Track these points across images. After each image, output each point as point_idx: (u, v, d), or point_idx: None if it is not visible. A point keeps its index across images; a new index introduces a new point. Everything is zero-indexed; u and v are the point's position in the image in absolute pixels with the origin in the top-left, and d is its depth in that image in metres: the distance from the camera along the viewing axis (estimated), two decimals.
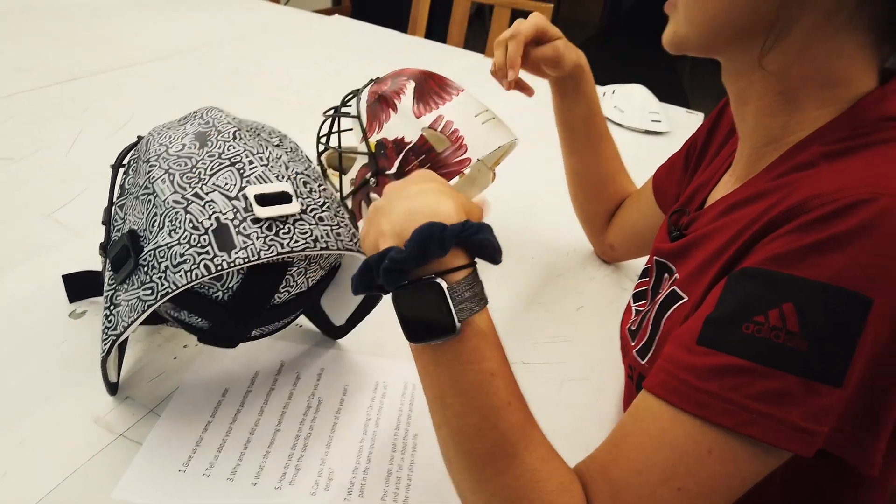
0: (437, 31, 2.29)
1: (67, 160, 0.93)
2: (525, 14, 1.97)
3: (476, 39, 2.00)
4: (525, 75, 0.81)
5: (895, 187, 0.38)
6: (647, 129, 1.32)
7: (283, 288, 0.57)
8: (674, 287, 0.53)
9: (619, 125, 1.34)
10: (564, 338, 0.75)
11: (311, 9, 3.46)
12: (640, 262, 0.66)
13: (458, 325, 0.42)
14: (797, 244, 0.39)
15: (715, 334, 0.41)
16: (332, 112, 0.86)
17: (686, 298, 0.50)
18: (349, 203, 0.83)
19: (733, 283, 0.42)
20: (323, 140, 0.88)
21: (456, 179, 0.78)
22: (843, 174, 0.41)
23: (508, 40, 0.76)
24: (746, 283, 0.41)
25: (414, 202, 0.45)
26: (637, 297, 0.63)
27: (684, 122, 1.41)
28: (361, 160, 0.81)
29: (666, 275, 0.57)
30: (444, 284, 0.42)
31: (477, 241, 0.43)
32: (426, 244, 0.42)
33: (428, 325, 0.43)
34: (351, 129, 0.84)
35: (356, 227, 0.60)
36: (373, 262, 0.43)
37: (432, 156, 0.76)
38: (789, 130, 0.48)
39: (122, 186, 0.58)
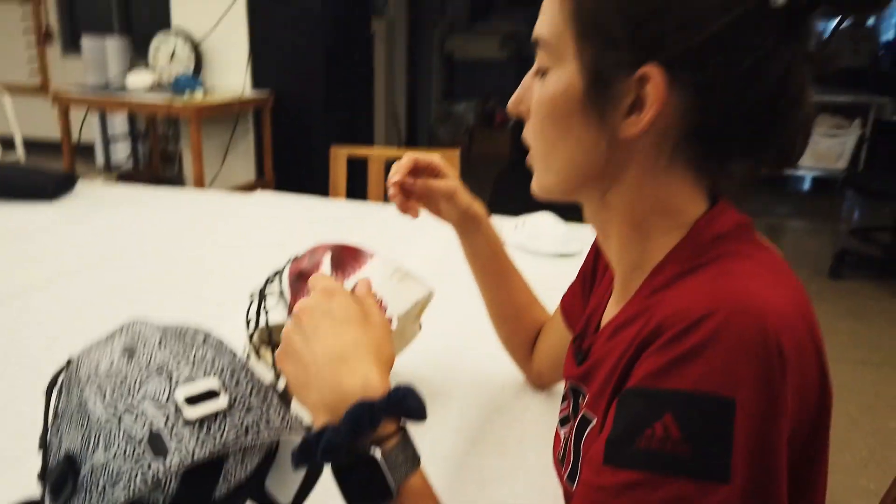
0: (357, 188, 2.42)
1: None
2: None
3: None
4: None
5: (729, 300, 0.45)
6: (559, 252, 1.42)
7: (222, 482, 0.58)
8: (584, 410, 0.58)
9: (534, 253, 1.43)
10: (510, 473, 0.77)
11: (235, 184, 3.61)
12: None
13: (394, 491, 0.46)
14: (663, 360, 0.45)
15: (615, 453, 0.45)
16: (257, 293, 0.91)
17: (594, 421, 0.55)
18: (284, 378, 0.85)
19: (622, 403, 0.48)
20: (252, 321, 0.92)
21: None
22: (690, 293, 0.48)
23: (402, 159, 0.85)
24: (632, 402, 0.47)
25: (342, 376, 0.51)
26: (562, 422, 0.67)
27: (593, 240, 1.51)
28: None
29: (580, 398, 0.62)
30: (378, 455, 0.46)
31: (404, 409, 0.48)
32: (358, 424, 0.48)
33: (366, 493, 0.47)
34: (277, 307, 0.88)
35: (287, 407, 0.62)
36: (311, 442, 0.48)
37: None
38: (647, 256, 0.56)
39: (55, 411, 0.60)
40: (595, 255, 0.77)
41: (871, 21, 7.13)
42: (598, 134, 0.52)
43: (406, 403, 0.49)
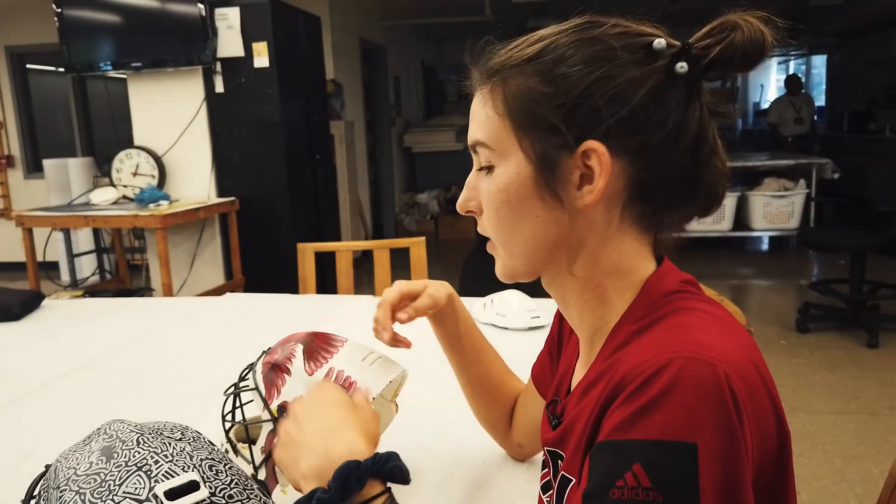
0: (328, 283, 2.44)
1: None
2: (404, 251, 2.16)
3: (368, 278, 2.15)
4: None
5: (683, 349, 0.48)
6: (529, 326, 1.45)
7: None
8: (563, 472, 0.59)
9: (504, 328, 1.46)
10: None
11: (204, 289, 3.60)
12: None
13: None
14: (627, 412, 0.47)
15: None
16: (231, 389, 0.91)
17: (574, 481, 0.56)
18: (263, 471, 0.85)
19: (593, 458, 0.49)
20: (228, 418, 0.92)
21: None
22: (646, 347, 0.51)
23: (378, 307, 0.86)
24: (602, 455, 0.49)
25: (330, 442, 0.54)
26: (543, 488, 0.68)
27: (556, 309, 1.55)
28: (268, 427, 0.85)
29: (559, 462, 0.63)
30: None
31: (388, 470, 0.52)
32: (346, 482, 0.50)
33: None
34: (252, 401, 0.89)
35: (268, 495, 0.63)
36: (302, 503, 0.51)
37: None
38: (605, 319, 0.60)
39: None
40: (560, 322, 0.81)
41: (803, 89, 7.60)
42: (556, 210, 0.57)
43: (391, 464, 0.52)
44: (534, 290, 1.64)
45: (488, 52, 0.61)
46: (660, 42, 0.55)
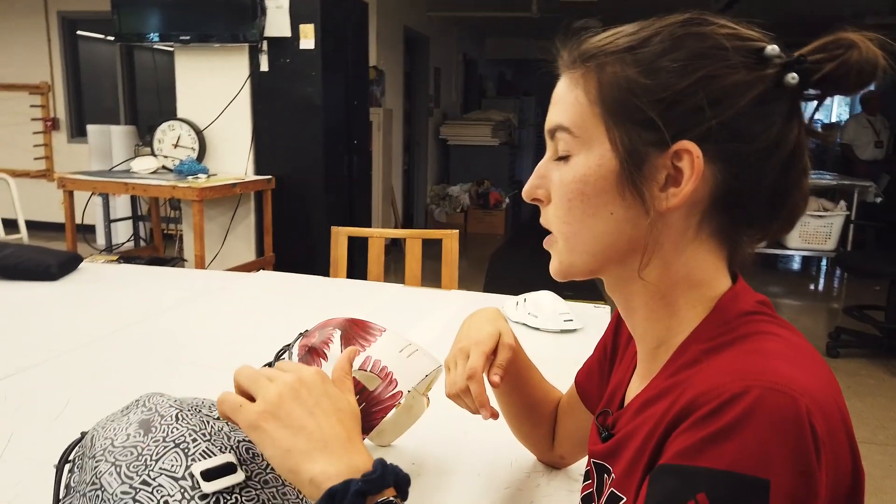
0: (358, 268, 2.45)
1: (2, 463, 0.91)
2: (435, 242, 2.13)
3: (395, 266, 2.16)
4: None
5: (761, 379, 0.45)
6: (561, 328, 1.43)
7: None
8: (612, 489, 0.57)
9: (536, 329, 1.45)
10: None
11: (235, 264, 3.64)
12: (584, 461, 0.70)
13: None
14: (696, 438, 0.45)
15: None
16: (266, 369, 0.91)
17: (625, 499, 0.54)
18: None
19: (654, 481, 0.47)
20: None
21: (393, 412, 0.82)
22: (719, 370, 0.48)
23: (469, 382, 0.78)
24: (666, 479, 0.46)
25: (353, 454, 0.53)
26: (584, 500, 0.66)
27: (593, 316, 1.53)
28: None
29: (605, 475, 0.60)
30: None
31: (403, 478, 0.52)
32: (382, 478, 0.50)
33: None
34: None
35: None
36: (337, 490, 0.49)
37: (366, 395, 0.81)
38: (673, 332, 0.57)
39: (67, 485, 0.60)
40: (615, 330, 0.76)
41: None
42: (635, 209, 0.54)
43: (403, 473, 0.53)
44: (576, 286, 1.63)
45: (582, 35, 0.57)
46: (773, 48, 0.52)
